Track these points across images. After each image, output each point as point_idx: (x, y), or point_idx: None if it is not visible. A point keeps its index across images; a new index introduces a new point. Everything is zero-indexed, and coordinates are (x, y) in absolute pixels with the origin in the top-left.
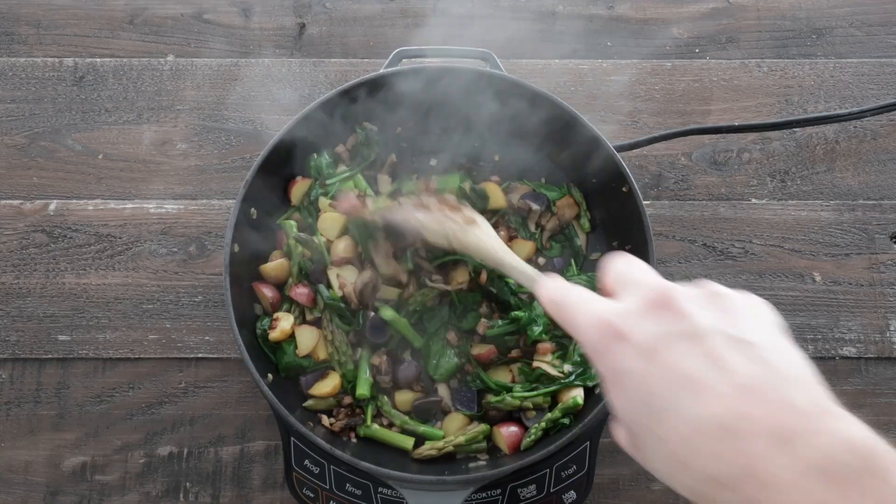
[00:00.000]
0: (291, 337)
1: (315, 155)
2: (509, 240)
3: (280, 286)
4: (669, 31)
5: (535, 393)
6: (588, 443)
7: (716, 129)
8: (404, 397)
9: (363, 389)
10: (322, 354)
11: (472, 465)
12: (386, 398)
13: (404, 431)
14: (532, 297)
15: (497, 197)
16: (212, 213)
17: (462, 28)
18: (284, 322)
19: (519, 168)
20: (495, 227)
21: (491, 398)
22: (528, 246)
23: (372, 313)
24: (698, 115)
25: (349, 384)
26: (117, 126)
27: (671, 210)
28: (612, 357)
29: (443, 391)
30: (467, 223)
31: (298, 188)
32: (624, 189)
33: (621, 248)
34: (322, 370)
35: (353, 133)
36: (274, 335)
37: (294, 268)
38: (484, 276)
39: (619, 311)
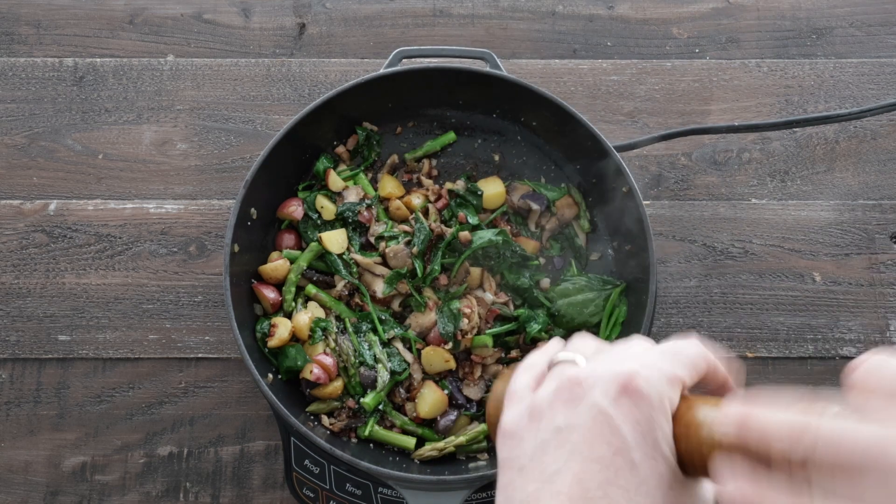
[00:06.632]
0: (291, 342)
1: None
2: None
3: (280, 286)
4: (669, 31)
5: None
6: None
7: (716, 129)
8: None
9: (371, 400)
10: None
11: (472, 465)
12: (389, 403)
13: (405, 432)
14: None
15: (496, 195)
16: (212, 213)
17: (462, 28)
18: (282, 329)
19: (518, 168)
20: (494, 224)
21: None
22: (531, 244)
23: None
24: (698, 115)
25: (353, 389)
26: (117, 126)
27: (671, 210)
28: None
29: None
30: None
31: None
32: (624, 189)
33: (621, 248)
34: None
35: (354, 133)
36: (272, 343)
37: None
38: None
39: None
